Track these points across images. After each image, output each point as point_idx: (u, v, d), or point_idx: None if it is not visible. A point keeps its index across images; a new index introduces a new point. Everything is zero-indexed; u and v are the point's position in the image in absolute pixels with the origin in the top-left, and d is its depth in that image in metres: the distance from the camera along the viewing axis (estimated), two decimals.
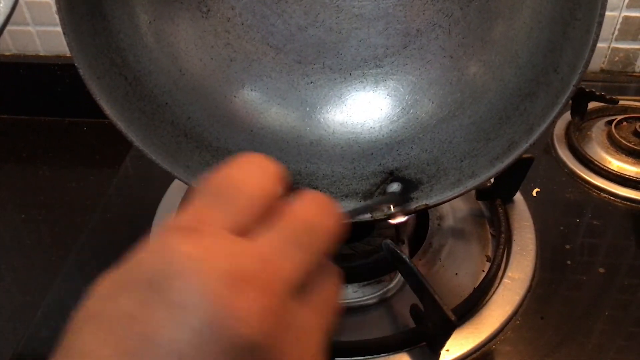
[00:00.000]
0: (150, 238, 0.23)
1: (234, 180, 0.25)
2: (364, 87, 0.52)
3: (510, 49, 0.46)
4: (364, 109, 0.52)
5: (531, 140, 0.40)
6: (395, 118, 0.51)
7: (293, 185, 0.49)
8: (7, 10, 0.48)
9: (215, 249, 0.22)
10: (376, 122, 0.52)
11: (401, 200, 0.45)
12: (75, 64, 0.41)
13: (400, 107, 0.51)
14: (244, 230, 0.24)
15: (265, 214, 0.25)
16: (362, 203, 0.37)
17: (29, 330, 0.50)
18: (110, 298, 0.21)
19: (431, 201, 0.44)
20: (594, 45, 0.37)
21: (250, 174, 0.25)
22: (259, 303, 0.21)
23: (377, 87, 0.52)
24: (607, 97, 0.68)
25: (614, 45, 0.80)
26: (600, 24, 0.36)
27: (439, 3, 0.48)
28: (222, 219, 0.23)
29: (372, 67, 0.51)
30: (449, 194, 0.43)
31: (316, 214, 0.25)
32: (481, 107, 0.47)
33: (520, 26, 0.45)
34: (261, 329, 0.21)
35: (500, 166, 0.42)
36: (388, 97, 0.52)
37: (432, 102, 0.50)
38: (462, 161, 0.46)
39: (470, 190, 0.43)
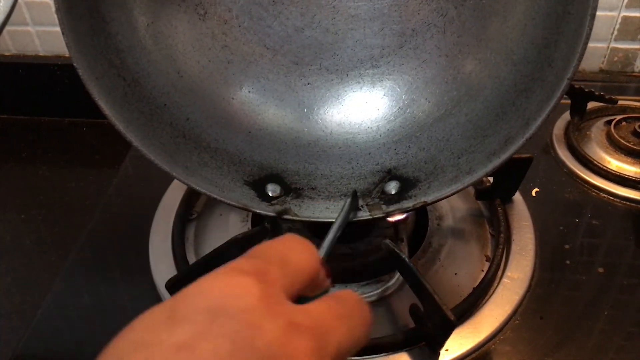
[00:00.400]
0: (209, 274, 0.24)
1: (291, 250, 0.27)
2: (361, 88, 0.52)
3: (505, 46, 0.46)
4: (361, 109, 0.52)
5: (527, 135, 0.40)
6: (392, 118, 0.51)
7: (292, 186, 0.49)
8: (6, 9, 0.48)
9: (277, 300, 0.24)
10: (373, 122, 0.52)
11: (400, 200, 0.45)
12: (74, 64, 0.41)
13: (397, 107, 0.51)
14: (292, 297, 0.26)
15: (306, 290, 0.27)
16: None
17: (28, 330, 0.50)
18: (164, 328, 0.22)
19: (429, 198, 0.44)
20: (587, 38, 0.37)
21: (302, 251, 0.28)
22: (311, 351, 0.23)
23: (373, 87, 0.52)
24: (607, 97, 0.68)
25: (613, 45, 0.80)
26: (592, 17, 0.36)
27: (433, 3, 0.48)
28: (280, 277, 0.25)
29: (368, 67, 0.51)
30: (447, 191, 0.43)
31: (357, 300, 0.28)
32: (477, 104, 0.47)
33: (515, 23, 0.45)
34: None
35: (497, 162, 0.42)
36: (385, 97, 0.52)
37: (429, 101, 0.50)
38: (459, 158, 0.46)
39: (467, 186, 0.43)
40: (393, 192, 0.47)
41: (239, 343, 0.21)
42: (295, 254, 0.27)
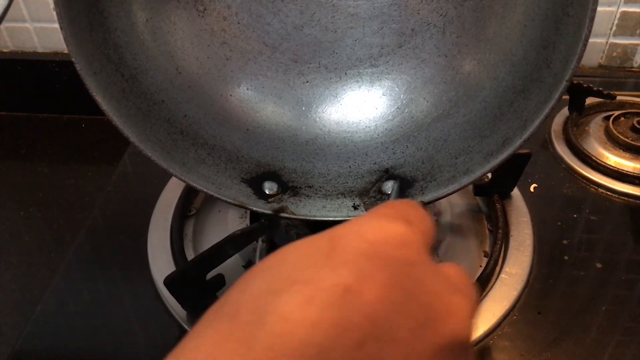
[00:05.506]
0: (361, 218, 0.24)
1: (422, 210, 0.26)
2: (360, 87, 0.52)
3: (504, 46, 0.46)
4: (360, 108, 0.52)
5: (525, 136, 0.40)
6: (390, 117, 0.51)
7: (289, 184, 0.49)
8: (4, 3, 0.48)
9: (430, 256, 0.24)
10: (371, 121, 0.52)
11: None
12: (72, 59, 0.41)
13: (396, 106, 0.51)
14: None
15: None
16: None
17: (28, 327, 0.50)
18: (325, 266, 0.20)
19: (426, 198, 0.44)
20: (586, 40, 0.37)
21: (427, 214, 0.27)
22: (472, 308, 0.23)
23: (372, 86, 0.52)
24: (605, 92, 0.68)
25: (612, 40, 0.79)
26: (592, 19, 0.36)
27: (433, 2, 0.48)
28: (423, 234, 0.24)
29: (367, 66, 0.51)
30: (444, 191, 0.43)
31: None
32: (475, 105, 0.47)
33: (514, 24, 0.45)
34: (468, 329, 0.22)
35: (494, 162, 0.42)
36: (383, 96, 0.52)
37: (427, 101, 0.50)
38: (456, 158, 0.46)
39: (464, 186, 0.43)
40: (390, 192, 0.47)
41: (406, 295, 0.20)
42: (426, 216, 0.26)
